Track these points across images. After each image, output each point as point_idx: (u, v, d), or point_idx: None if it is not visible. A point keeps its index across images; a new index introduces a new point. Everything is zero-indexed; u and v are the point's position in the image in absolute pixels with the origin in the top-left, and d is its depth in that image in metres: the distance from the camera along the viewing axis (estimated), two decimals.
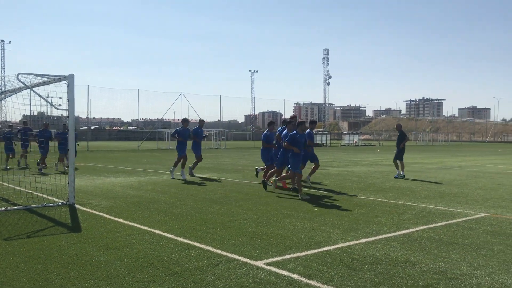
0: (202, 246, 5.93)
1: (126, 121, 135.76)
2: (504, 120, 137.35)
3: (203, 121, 17.81)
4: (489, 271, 4.95)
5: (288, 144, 10.50)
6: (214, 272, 4.88)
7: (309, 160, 12.79)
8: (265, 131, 12.97)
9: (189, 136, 15.95)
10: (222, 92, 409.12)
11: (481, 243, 6.21)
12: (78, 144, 19.49)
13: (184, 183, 13.22)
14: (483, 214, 8.33)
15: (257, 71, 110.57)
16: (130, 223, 7.39)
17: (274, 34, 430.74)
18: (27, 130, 18.73)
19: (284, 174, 11.44)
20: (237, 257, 5.43)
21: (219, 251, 5.68)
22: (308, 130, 12.37)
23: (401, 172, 15.07)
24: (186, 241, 6.20)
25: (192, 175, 15.25)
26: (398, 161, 15.29)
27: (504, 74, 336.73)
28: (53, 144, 17.46)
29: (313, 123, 13.27)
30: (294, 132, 10.63)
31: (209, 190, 11.49)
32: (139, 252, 5.62)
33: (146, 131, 58.86)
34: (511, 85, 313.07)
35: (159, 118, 61.21)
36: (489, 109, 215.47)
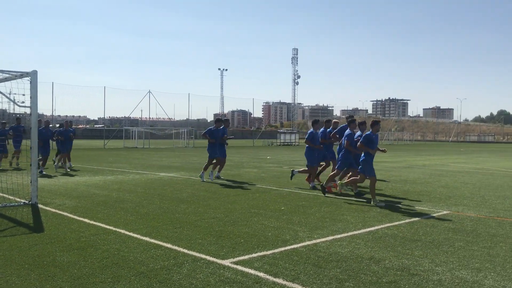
0: (169, 245, 5.88)
1: (92, 119, 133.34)
2: (466, 120, 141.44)
3: (228, 120, 16.73)
4: (450, 267, 5.09)
5: (362, 144, 9.67)
6: (180, 271, 4.85)
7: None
8: (310, 130, 12.28)
9: (221, 138, 14.59)
10: (191, 91, 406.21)
11: (443, 240, 6.37)
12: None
13: (152, 182, 13.07)
14: (445, 212, 8.56)
15: (226, 70, 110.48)
16: (95, 222, 7.26)
17: (243, 32, 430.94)
18: (20, 127, 17.62)
19: (353, 178, 10.36)
20: (203, 256, 5.41)
21: (185, 251, 5.64)
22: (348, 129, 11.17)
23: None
24: (152, 240, 6.13)
25: (218, 177, 14.32)
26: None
27: (467, 76, 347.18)
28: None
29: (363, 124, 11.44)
30: (369, 132, 9.78)
31: (176, 190, 11.40)
32: (103, 252, 5.53)
33: (112, 129, 57.97)
34: (474, 86, 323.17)
35: (126, 116, 60.35)
36: (452, 109, 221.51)
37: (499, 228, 7.19)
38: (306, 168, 12.20)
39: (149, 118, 56.34)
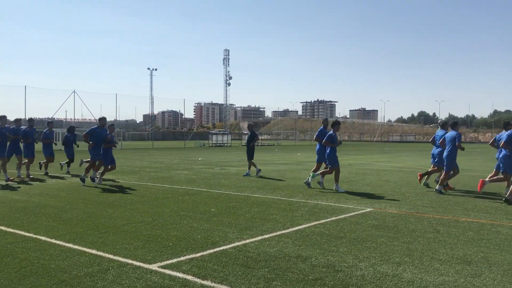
0: (93, 251, 5.67)
1: (12, 120, 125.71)
2: (390, 121, 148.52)
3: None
4: (372, 262, 5.30)
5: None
6: (105, 277, 4.69)
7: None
8: (330, 132, 12.27)
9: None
10: (118, 91, 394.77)
11: (366, 236, 6.64)
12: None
13: (76, 186, 12.54)
14: (369, 209, 8.92)
15: (156, 70, 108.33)
16: (13, 230, 6.84)
17: (174, 32, 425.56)
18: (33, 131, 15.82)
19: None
20: (130, 261, 5.27)
21: (111, 256, 5.46)
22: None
23: (249, 171, 15.96)
24: (76, 247, 5.88)
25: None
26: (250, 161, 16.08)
27: (390, 78, 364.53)
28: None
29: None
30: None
31: (102, 193, 11.02)
32: (22, 261, 5.22)
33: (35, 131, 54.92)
34: (396, 88, 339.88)
35: (50, 117, 57.48)
36: (376, 110, 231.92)
37: (418, 223, 7.60)
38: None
39: (74, 119, 54.12)
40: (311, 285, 4.52)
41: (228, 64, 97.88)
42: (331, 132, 12.15)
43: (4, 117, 13.98)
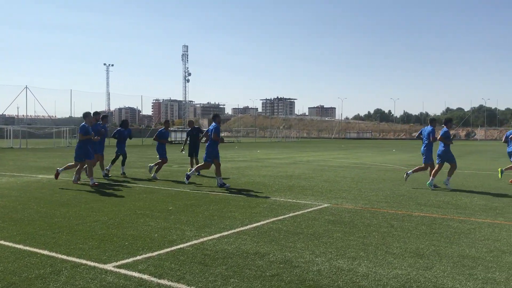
0: (45, 252, 5.49)
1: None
2: (347, 118, 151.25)
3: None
4: (329, 257, 5.39)
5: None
6: (58, 279, 4.55)
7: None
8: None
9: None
10: (73, 87, 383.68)
11: (323, 231, 6.74)
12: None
13: (28, 185, 12.11)
14: (326, 205, 9.05)
15: (112, 65, 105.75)
16: None
17: (130, 27, 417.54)
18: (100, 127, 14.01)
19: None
20: (84, 261, 5.13)
21: (64, 257, 5.31)
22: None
23: (193, 170, 14.76)
24: (27, 248, 5.68)
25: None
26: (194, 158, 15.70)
27: (347, 76, 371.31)
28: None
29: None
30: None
31: (56, 192, 10.69)
32: None
33: None
34: (353, 86, 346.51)
35: (0, 114, 55.31)
36: (334, 108, 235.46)
37: (373, 218, 7.78)
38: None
39: (27, 115, 52.19)
40: (268, 281, 4.55)
41: (187, 60, 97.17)
42: (445, 128, 12.21)
43: (97, 113, 13.64)
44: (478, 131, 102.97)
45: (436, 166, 12.15)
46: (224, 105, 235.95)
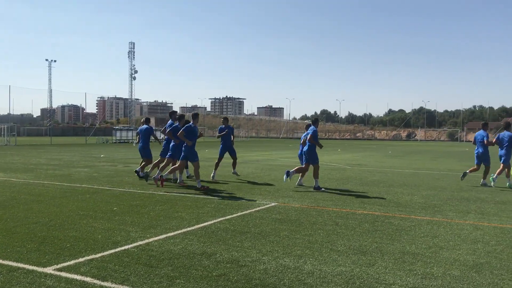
0: None
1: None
2: (295, 118, 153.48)
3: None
4: (275, 256, 5.43)
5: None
6: None
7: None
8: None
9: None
10: (12, 82, 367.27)
11: (270, 230, 6.79)
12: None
13: None
14: (273, 204, 9.13)
15: (55, 61, 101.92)
16: None
17: (75, 22, 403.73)
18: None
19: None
20: (22, 265, 4.90)
21: (0, 261, 5.05)
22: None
23: (144, 170, 14.10)
24: None
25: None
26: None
27: (295, 77, 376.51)
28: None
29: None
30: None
31: None
32: None
33: None
34: (301, 87, 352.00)
35: None
36: (282, 108, 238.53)
37: (319, 216, 7.92)
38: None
39: None
40: (215, 281, 4.52)
41: (134, 58, 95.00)
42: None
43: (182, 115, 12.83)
44: (419, 132, 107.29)
45: (501, 166, 13.23)
46: (172, 103, 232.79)
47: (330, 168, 18.63)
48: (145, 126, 14.49)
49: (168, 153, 12.53)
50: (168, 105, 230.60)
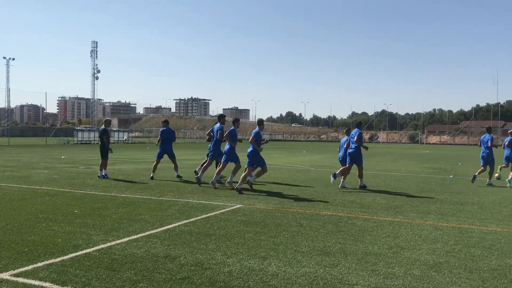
0: None
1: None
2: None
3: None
4: (240, 258, 5.42)
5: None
6: None
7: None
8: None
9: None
10: None
11: (235, 232, 6.77)
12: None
13: None
14: (238, 206, 9.11)
15: (13, 59, 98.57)
16: None
17: (34, 19, 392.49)
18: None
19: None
20: None
21: None
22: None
23: (102, 172, 14.17)
24: None
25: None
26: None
27: (261, 79, 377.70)
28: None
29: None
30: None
31: None
32: None
33: None
34: (267, 89, 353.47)
35: None
36: (248, 110, 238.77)
37: (284, 218, 7.95)
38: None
39: None
40: (179, 284, 4.47)
41: (96, 57, 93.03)
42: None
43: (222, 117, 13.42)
44: (381, 134, 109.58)
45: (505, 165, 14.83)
46: (135, 104, 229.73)
47: (295, 170, 18.77)
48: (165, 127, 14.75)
49: (224, 157, 12.52)
50: (132, 105, 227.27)
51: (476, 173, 14.29)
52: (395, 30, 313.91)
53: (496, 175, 15.42)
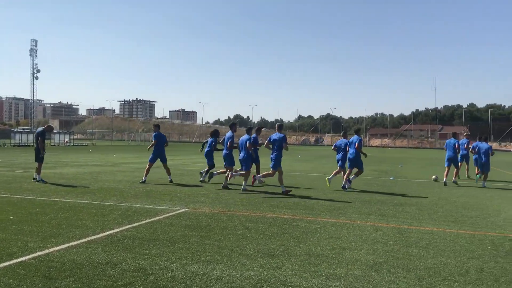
0: None
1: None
2: (208, 123, 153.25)
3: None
4: (184, 263, 5.36)
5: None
6: None
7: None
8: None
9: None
10: None
11: (179, 237, 6.69)
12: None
13: None
14: (183, 210, 9.01)
15: None
16: None
17: None
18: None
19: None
20: None
21: None
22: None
23: (37, 177, 13.61)
24: None
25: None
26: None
27: (209, 81, 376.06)
28: None
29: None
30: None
31: None
32: None
33: None
34: (214, 91, 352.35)
35: None
36: (196, 112, 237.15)
37: (229, 221, 7.95)
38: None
39: None
40: None
41: (36, 56, 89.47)
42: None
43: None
44: (326, 137, 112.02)
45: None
46: (77, 105, 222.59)
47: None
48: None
49: (244, 165, 12.82)
50: (74, 107, 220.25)
51: (445, 178, 15.48)
52: (341, 34, 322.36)
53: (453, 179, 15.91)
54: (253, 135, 13.36)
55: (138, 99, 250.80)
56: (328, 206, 10.04)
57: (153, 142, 14.53)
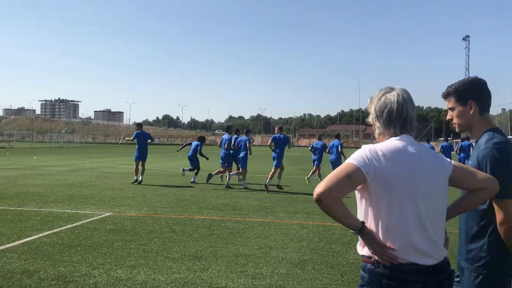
0: None
1: None
2: (135, 123, 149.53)
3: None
4: (107, 268, 5.18)
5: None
6: None
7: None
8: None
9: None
10: None
11: (103, 242, 6.46)
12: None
13: None
14: (108, 214, 8.72)
15: None
16: None
17: None
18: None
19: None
20: None
21: None
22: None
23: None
24: None
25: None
26: None
27: (136, 81, 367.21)
28: None
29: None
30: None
31: None
32: None
33: None
34: (142, 91, 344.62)
35: None
36: (122, 112, 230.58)
37: (155, 224, 7.79)
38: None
39: None
40: None
41: None
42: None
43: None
44: (256, 138, 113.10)
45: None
46: None
47: (170, 174, 18.57)
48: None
49: (242, 163, 14.17)
50: None
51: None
52: (270, 35, 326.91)
53: None
54: (244, 136, 14.40)
55: (61, 98, 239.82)
56: (257, 206, 10.14)
57: (131, 138, 15.24)
